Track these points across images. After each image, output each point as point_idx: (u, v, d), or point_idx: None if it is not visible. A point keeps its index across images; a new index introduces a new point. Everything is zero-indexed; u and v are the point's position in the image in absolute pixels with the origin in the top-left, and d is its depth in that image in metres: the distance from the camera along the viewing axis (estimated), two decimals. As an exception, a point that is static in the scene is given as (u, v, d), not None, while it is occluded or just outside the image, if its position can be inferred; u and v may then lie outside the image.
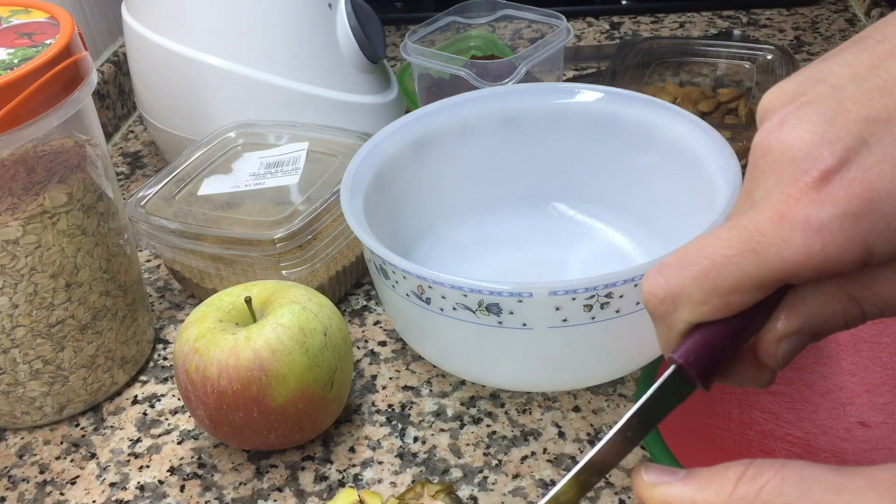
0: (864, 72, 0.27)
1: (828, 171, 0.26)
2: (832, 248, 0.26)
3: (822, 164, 0.26)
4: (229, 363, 0.45)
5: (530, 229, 0.62)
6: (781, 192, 0.26)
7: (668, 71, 0.78)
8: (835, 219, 0.26)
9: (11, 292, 0.49)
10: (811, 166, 0.26)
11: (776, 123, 0.28)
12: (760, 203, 0.27)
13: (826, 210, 0.26)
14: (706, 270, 0.27)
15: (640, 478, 0.28)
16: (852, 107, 0.27)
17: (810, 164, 0.26)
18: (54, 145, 0.49)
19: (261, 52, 0.68)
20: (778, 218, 0.26)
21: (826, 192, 0.26)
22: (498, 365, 0.50)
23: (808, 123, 0.27)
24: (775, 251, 0.26)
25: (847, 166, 0.26)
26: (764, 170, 0.28)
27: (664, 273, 0.28)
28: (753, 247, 0.26)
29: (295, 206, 0.57)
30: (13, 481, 0.51)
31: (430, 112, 0.60)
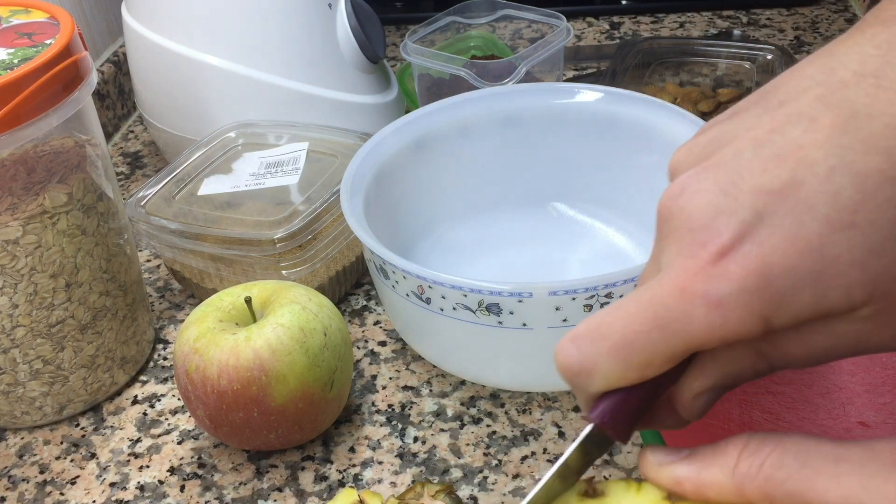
0: (763, 137, 0.27)
1: (724, 247, 0.26)
2: (733, 322, 0.26)
3: (718, 239, 0.26)
4: (229, 363, 0.45)
5: (530, 229, 0.62)
6: (681, 264, 0.27)
7: (668, 71, 0.78)
8: (732, 295, 0.26)
9: (11, 292, 0.49)
10: (708, 240, 0.27)
11: (677, 190, 0.28)
12: (663, 273, 0.28)
13: (723, 286, 0.26)
14: (617, 347, 0.28)
15: (647, 459, 0.29)
16: (748, 176, 0.27)
17: (707, 237, 0.27)
18: (54, 145, 0.49)
19: (261, 52, 0.68)
20: (679, 292, 0.27)
21: (722, 268, 0.26)
22: (498, 365, 0.50)
23: (706, 193, 0.27)
24: (680, 326, 0.27)
25: (742, 241, 0.26)
26: (667, 236, 0.29)
27: (577, 345, 0.29)
28: (660, 323, 0.27)
29: (295, 206, 0.57)
30: (13, 481, 0.51)
31: (430, 112, 0.60)
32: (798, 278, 0.26)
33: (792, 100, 0.28)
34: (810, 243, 0.26)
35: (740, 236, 0.26)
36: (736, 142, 0.28)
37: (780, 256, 0.26)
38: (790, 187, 0.26)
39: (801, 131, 0.27)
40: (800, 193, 0.26)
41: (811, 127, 0.27)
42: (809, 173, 0.26)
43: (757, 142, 0.27)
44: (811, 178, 0.26)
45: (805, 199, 0.26)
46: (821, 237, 0.25)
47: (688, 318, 0.27)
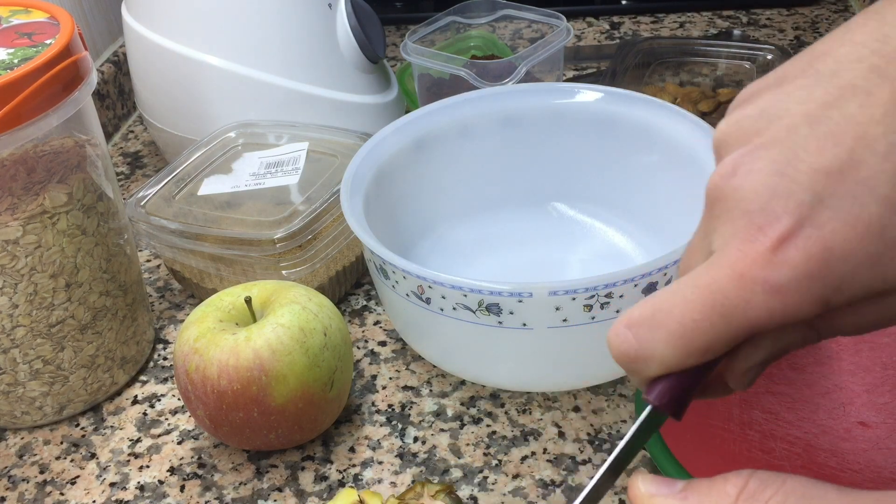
0: (818, 112, 0.27)
1: (784, 232, 0.26)
2: (792, 306, 0.26)
3: (777, 224, 0.26)
4: (229, 363, 0.45)
5: (530, 229, 0.62)
6: (738, 249, 0.27)
7: (668, 71, 0.78)
8: (792, 281, 0.26)
9: (11, 292, 0.49)
10: (766, 224, 0.26)
11: (729, 168, 0.28)
12: (718, 256, 0.27)
13: (784, 273, 0.26)
14: (677, 335, 0.28)
15: (637, 488, 0.28)
16: (805, 156, 0.26)
17: (765, 220, 0.26)
18: (54, 145, 0.49)
19: (261, 52, 0.68)
20: (738, 278, 0.26)
21: (782, 254, 0.26)
22: (498, 365, 0.50)
23: (761, 174, 0.27)
24: (740, 312, 0.26)
25: (801, 226, 0.26)
26: (719, 216, 0.28)
27: (634, 332, 0.29)
28: (719, 310, 0.27)
29: (295, 206, 0.57)
30: (13, 481, 0.51)
31: (430, 112, 0.60)
32: (858, 261, 0.25)
33: (845, 70, 0.27)
34: (871, 226, 0.25)
35: (800, 220, 0.26)
36: (788, 116, 0.27)
37: (841, 240, 0.25)
38: (849, 167, 0.25)
39: (858, 106, 0.26)
40: (859, 174, 0.25)
41: (868, 101, 0.26)
42: (868, 152, 0.25)
43: (811, 117, 0.27)
44: (870, 158, 0.25)
45: (865, 180, 0.25)
46: (881, 219, 0.25)
47: (748, 304, 0.26)
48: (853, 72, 0.27)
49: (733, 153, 0.28)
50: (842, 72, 0.27)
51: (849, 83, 0.26)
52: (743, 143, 0.28)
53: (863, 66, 0.26)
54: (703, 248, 0.29)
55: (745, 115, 0.28)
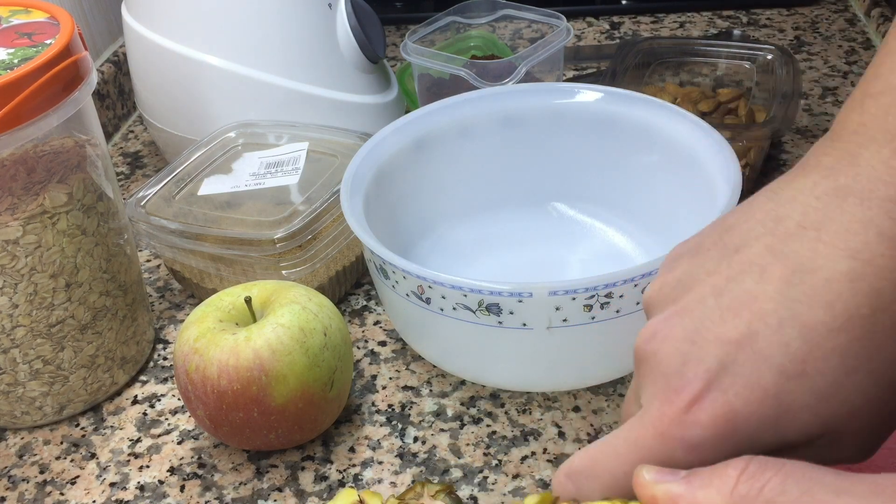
0: (722, 284, 0.30)
1: (695, 395, 0.29)
2: (709, 461, 0.28)
3: (689, 387, 0.29)
4: (229, 363, 0.45)
5: (530, 229, 0.62)
6: (658, 409, 0.29)
7: (668, 71, 0.78)
8: (704, 439, 0.28)
9: (11, 292, 0.49)
10: (681, 387, 0.29)
11: (649, 334, 0.31)
12: (644, 413, 0.30)
13: (696, 432, 0.29)
14: (610, 486, 0.30)
15: (641, 476, 0.29)
16: (710, 325, 0.29)
17: (680, 383, 0.29)
18: (54, 145, 0.49)
19: (261, 52, 0.68)
20: (660, 436, 0.29)
21: (694, 415, 0.29)
22: (498, 365, 0.50)
23: (674, 340, 0.30)
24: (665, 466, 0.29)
25: (709, 389, 0.29)
26: (645, 376, 0.31)
27: (574, 480, 0.31)
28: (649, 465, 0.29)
29: (295, 206, 0.57)
30: (13, 481, 0.51)
31: (430, 112, 0.60)
32: (760, 422, 0.28)
33: (746, 246, 0.30)
34: (768, 391, 0.28)
35: (707, 384, 0.29)
36: (699, 287, 0.31)
37: (743, 403, 0.28)
38: (747, 338, 0.29)
39: (754, 282, 0.29)
40: (756, 344, 0.28)
41: (762, 278, 0.29)
42: (763, 324, 0.29)
43: (717, 289, 0.30)
44: (765, 329, 0.29)
45: (761, 350, 0.28)
46: (776, 385, 0.28)
47: (671, 460, 0.29)
48: (752, 248, 0.30)
49: (654, 318, 0.32)
50: (743, 248, 0.30)
51: (748, 259, 0.30)
52: (663, 307, 0.32)
53: (760, 244, 0.30)
54: (636, 401, 0.32)
55: (666, 281, 0.32)
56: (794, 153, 0.73)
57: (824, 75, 0.85)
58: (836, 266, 0.28)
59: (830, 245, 0.29)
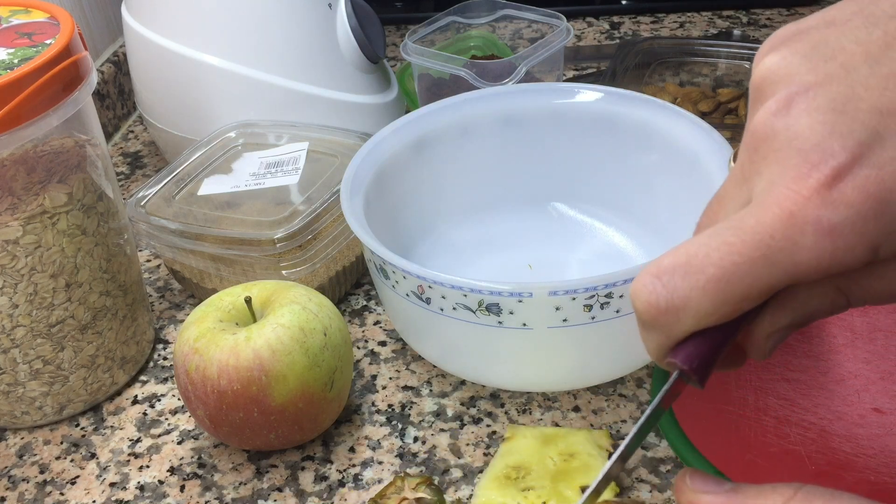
0: (878, 52, 0.25)
1: (840, 169, 0.24)
2: (842, 251, 0.25)
3: (833, 161, 0.24)
4: (229, 363, 0.45)
5: (530, 229, 0.62)
6: (789, 187, 0.25)
7: (668, 71, 0.78)
8: (847, 221, 0.24)
9: (11, 292, 0.49)
10: (821, 161, 0.25)
11: (783, 105, 0.26)
12: (764, 197, 0.26)
13: (839, 212, 0.24)
14: (715, 281, 0.26)
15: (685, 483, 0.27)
16: (865, 94, 0.25)
17: (820, 157, 0.25)
18: (54, 145, 0.49)
19: (261, 52, 0.68)
20: (787, 217, 0.25)
21: (838, 192, 0.24)
22: (498, 365, 0.50)
23: (818, 111, 0.25)
24: (786, 256, 0.25)
25: (859, 164, 0.24)
26: (766, 156, 0.26)
27: (665, 281, 0.27)
28: (764, 252, 0.25)
29: (295, 206, 0.57)
30: (13, 481, 0.51)
31: (430, 112, 0.60)
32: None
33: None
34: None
35: (858, 157, 0.24)
36: (845, 55, 0.26)
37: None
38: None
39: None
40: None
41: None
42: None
43: (872, 57, 0.26)
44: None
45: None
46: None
47: (795, 246, 0.25)
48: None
49: (784, 90, 0.26)
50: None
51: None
52: (793, 80, 0.26)
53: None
54: (738, 197, 0.27)
55: (794, 51, 0.27)
56: (794, 153, 0.73)
57: (824, 75, 0.85)
58: None
59: None
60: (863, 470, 0.44)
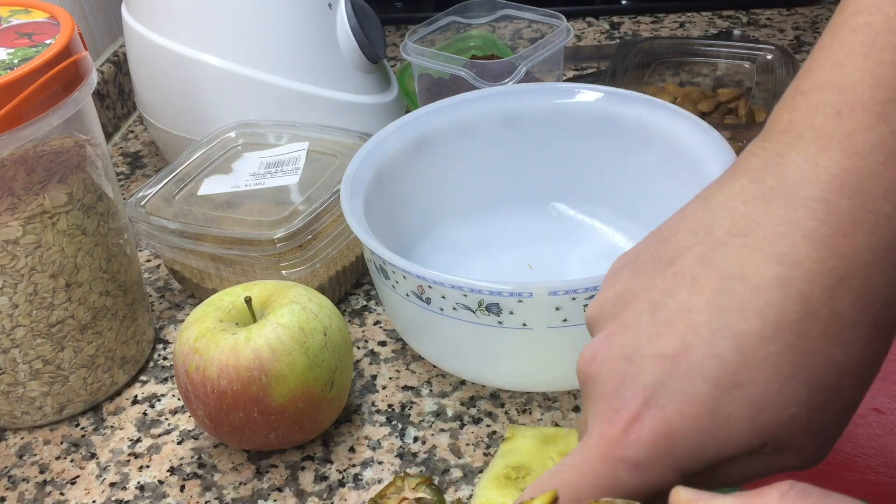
0: (658, 299, 0.30)
1: (633, 414, 0.29)
2: (654, 477, 0.29)
3: (627, 407, 0.29)
4: (229, 363, 0.45)
5: (530, 229, 0.62)
6: (600, 430, 0.30)
7: (668, 71, 0.78)
8: (646, 458, 0.28)
9: (11, 292, 0.49)
10: (619, 406, 0.29)
11: (589, 355, 0.31)
12: (588, 437, 0.30)
13: (638, 451, 0.29)
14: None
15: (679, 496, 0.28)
16: (647, 342, 0.29)
17: (619, 403, 0.29)
18: (54, 145, 0.49)
19: (261, 52, 0.68)
20: (603, 458, 0.29)
21: (634, 434, 0.29)
22: (498, 365, 0.50)
23: (613, 360, 0.30)
24: (611, 486, 0.29)
25: (647, 408, 0.29)
26: (588, 397, 0.31)
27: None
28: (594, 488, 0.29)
29: (295, 206, 0.57)
30: (13, 481, 0.51)
31: (430, 112, 0.60)
32: (699, 436, 0.28)
33: (678, 257, 0.30)
34: (704, 405, 0.28)
35: (645, 402, 0.29)
36: (636, 303, 0.31)
37: (681, 419, 0.28)
38: (682, 352, 0.28)
39: (687, 294, 0.29)
40: (690, 357, 0.28)
41: (694, 289, 0.29)
42: (696, 337, 0.28)
43: (652, 304, 0.30)
44: (698, 342, 0.28)
45: (695, 364, 0.28)
46: (712, 398, 0.28)
47: (616, 480, 0.29)
48: (685, 259, 0.30)
49: (595, 337, 0.32)
50: (676, 259, 0.30)
51: (680, 271, 0.30)
52: (603, 325, 0.32)
53: (692, 254, 0.30)
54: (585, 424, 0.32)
55: (607, 298, 0.32)
56: (794, 153, 0.73)
57: (824, 75, 0.85)
58: (765, 272, 0.28)
59: (758, 251, 0.28)
60: (863, 470, 0.44)
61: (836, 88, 0.28)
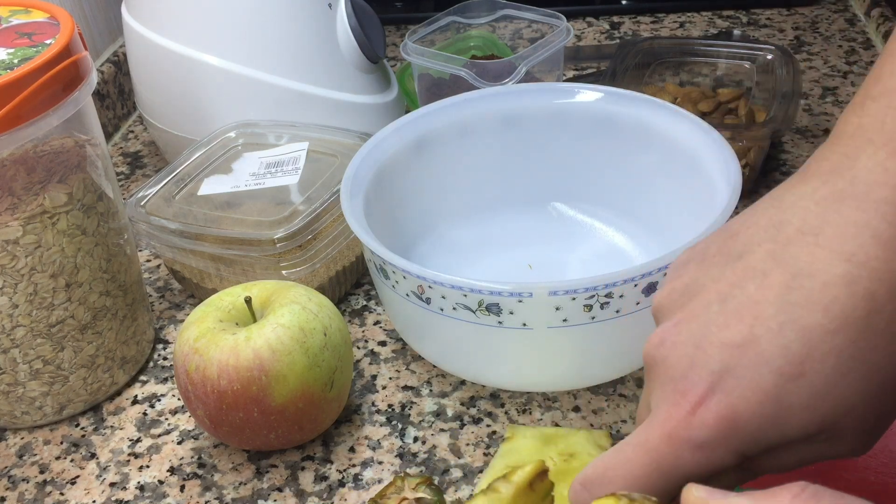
0: (726, 291, 0.31)
1: (700, 396, 0.31)
2: (715, 459, 0.30)
3: (694, 390, 0.31)
4: (229, 363, 0.45)
5: (530, 229, 0.62)
6: (666, 411, 0.31)
7: (668, 71, 0.78)
8: (710, 439, 0.30)
9: (11, 292, 0.49)
10: (687, 389, 0.31)
11: (658, 340, 0.33)
12: (652, 418, 0.32)
13: (703, 433, 0.30)
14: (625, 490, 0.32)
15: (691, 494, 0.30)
16: (715, 330, 0.31)
17: (686, 386, 0.31)
18: (54, 145, 0.49)
19: (261, 52, 0.68)
20: (668, 438, 0.31)
21: (700, 417, 0.30)
22: (498, 365, 0.50)
23: (681, 346, 0.32)
24: (673, 468, 0.31)
25: (714, 391, 0.30)
26: (653, 380, 0.33)
27: (588, 487, 0.33)
28: (656, 466, 0.31)
29: (295, 206, 0.57)
30: (13, 481, 0.51)
31: (430, 112, 0.60)
32: (762, 421, 0.30)
33: (748, 252, 0.32)
34: (768, 392, 0.30)
35: (711, 387, 0.30)
36: (704, 293, 0.32)
37: (745, 404, 0.30)
38: (749, 342, 0.30)
39: (756, 287, 0.31)
40: (758, 347, 0.30)
41: (763, 283, 0.31)
42: (764, 328, 0.30)
43: (721, 295, 0.32)
44: (766, 333, 0.30)
45: (762, 353, 0.30)
46: (776, 387, 0.30)
47: (679, 459, 0.31)
48: (754, 254, 0.31)
49: (663, 324, 0.33)
50: (746, 254, 0.32)
51: (750, 265, 0.31)
52: (671, 313, 0.33)
53: (762, 250, 0.31)
54: (646, 408, 0.34)
55: (675, 287, 0.34)
56: (794, 153, 0.73)
57: (824, 75, 0.85)
58: (833, 270, 0.29)
59: (828, 249, 0.30)
60: (863, 470, 0.44)
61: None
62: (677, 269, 0.35)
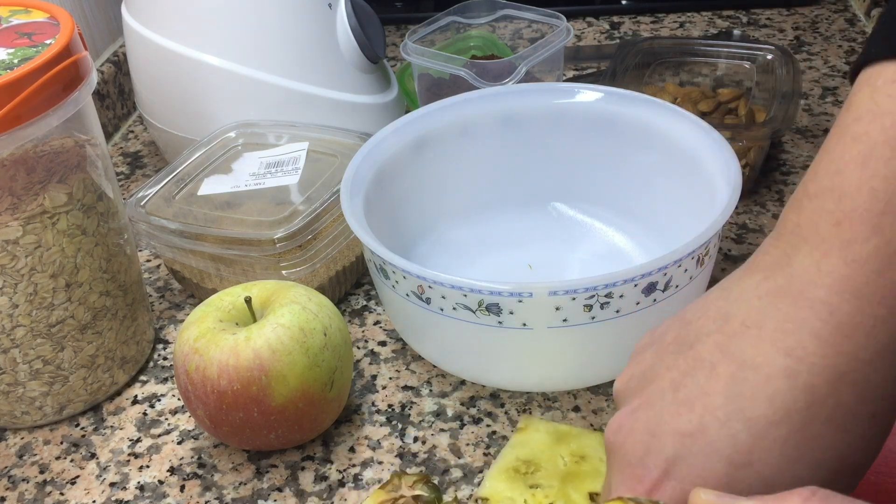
0: (678, 380, 0.33)
1: (654, 483, 0.32)
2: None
3: (649, 477, 0.33)
4: (229, 363, 0.45)
5: (530, 229, 0.62)
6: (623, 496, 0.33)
7: (668, 71, 0.78)
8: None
9: (11, 292, 0.49)
10: (643, 475, 0.33)
11: (616, 427, 0.35)
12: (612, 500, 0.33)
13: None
14: None
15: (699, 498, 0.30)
16: (668, 419, 0.33)
17: (642, 472, 0.33)
18: (54, 145, 0.49)
19: (261, 52, 0.68)
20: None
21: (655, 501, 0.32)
22: (498, 365, 0.50)
23: (637, 433, 0.34)
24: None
25: (668, 478, 0.32)
26: (612, 465, 0.35)
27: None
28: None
29: (295, 206, 0.57)
30: (13, 481, 0.51)
31: (430, 112, 0.60)
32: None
33: (698, 342, 0.33)
34: (720, 480, 0.31)
35: (666, 473, 0.32)
36: (659, 380, 0.34)
37: None
38: (699, 431, 0.32)
39: (705, 378, 0.32)
40: (707, 436, 0.32)
41: (712, 374, 0.32)
42: (712, 418, 0.32)
43: (674, 384, 0.33)
44: (714, 423, 0.32)
45: (711, 442, 0.32)
46: (726, 475, 0.31)
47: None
48: (704, 345, 0.33)
49: (622, 409, 0.35)
50: (696, 344, 0.33)
51: (700, 356, 0.33)
52: (629, 399, 0.35)
53: (711, 340, 0.33)
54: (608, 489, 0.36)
55: (633, 373, 0.36)
56: (794, 153, 0.73)
57: (824, 75, 0.85)
58: (775, 363, 0.31)
59: (769, 343, 0.31)
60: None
61: (837, 197, 0.31)
62: (638, 354, 0.37)
